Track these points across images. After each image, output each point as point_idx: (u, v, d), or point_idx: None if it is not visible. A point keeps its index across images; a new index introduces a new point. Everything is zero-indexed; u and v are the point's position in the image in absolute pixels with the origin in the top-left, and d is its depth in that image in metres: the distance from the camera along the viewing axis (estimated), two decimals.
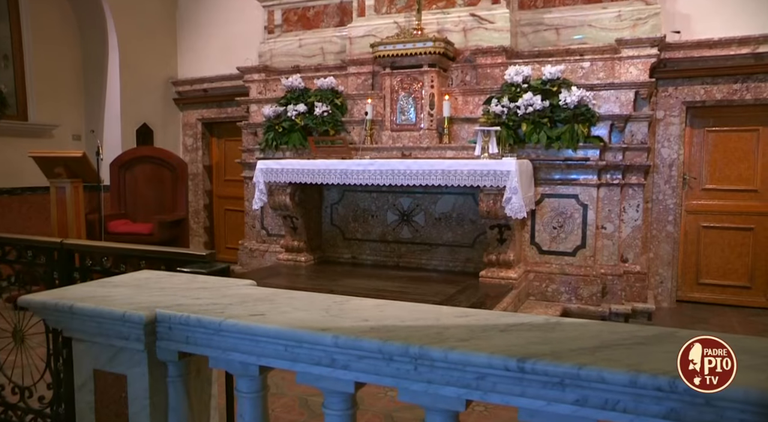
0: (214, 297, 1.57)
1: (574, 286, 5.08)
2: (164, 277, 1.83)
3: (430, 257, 5.59)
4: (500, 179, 4.63)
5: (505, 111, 5.14)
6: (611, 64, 5.26)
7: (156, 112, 7.50)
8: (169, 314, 1.42)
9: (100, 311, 1.46)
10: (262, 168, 5.43)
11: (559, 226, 5.18)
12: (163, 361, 1.55)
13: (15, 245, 2.47)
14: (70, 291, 1.64)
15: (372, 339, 1.21)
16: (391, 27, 6.04)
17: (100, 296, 1.56)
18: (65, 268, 2.33)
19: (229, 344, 1.40)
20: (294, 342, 1.30)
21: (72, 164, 4.97)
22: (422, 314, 1.40)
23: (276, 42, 6.93)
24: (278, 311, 1.42)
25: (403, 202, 5.67)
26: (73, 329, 1.57)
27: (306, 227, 5.74)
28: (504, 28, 5.62)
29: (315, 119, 5.89)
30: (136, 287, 1.68)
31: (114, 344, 1.54)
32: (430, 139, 5.58)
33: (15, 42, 6.30)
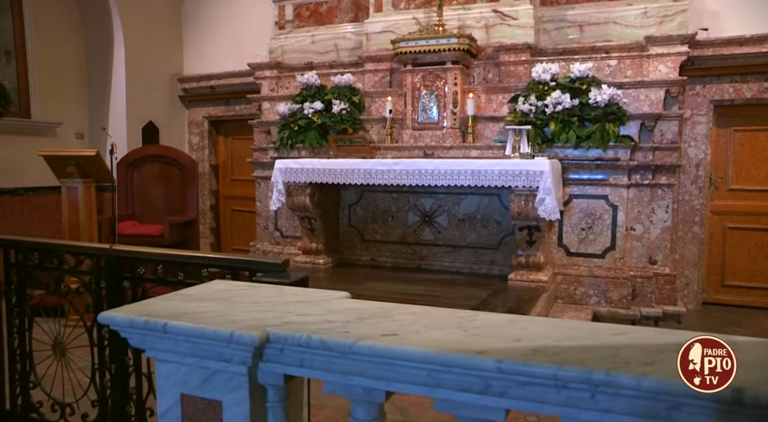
0: (321, 313, 1.40)
1: (603, 289, 4.97)
2: (247, 289, 1.65)
3: (453, 259, 5.44)
4: (533, 179, 4.49)
5: (533, 109, 5.02)
6: (639, 62, 5.15)
7: (161, 109, 7.27)
8: (284, 334, 1.25)
9: (201, 332, 1.29)
10: (280, 168, 5.24)
11: (588, 227, 5.06)
12: (262, 385, 1.38)
13: (55, 250, 2.28)
14: (151, 306, 1.47)
15: (544, 364, 1.05)
16: (410, 23, 5.89)
17: (192, 313, 1.39)
18: (114, 276, 2.15)
19: (354, 368, 1.24)
20: (442, 366, 1.14)
21: (84, 164, 4.74)
22: (573, 331, 1.25)
23: (287, 38, 6.74)
24: (410, 330, 1.26)
25: (425, 202, 5.52)
26: (160, 349, 1.40)
27: (324, 228, 5.56)
28: (527, 25, 5.49)
29: (333, 117, 5.71)
30: (224, 302, 1.51)
31: (208, 366, 1.37)
32: (454, 138, 5.44)
33: (17, 37, 6.04)
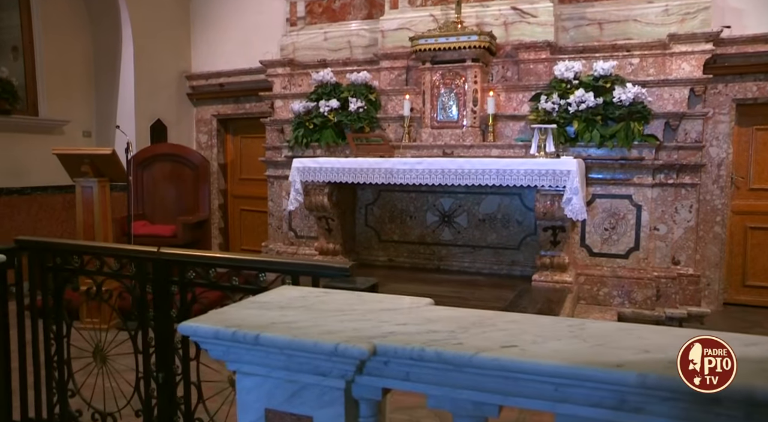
0: (419, 322, 1.32)
1: (627, 289, 4.91)
2: (323, 295, 1.57)
3: (473, 259, 5.36)
4: (559, 179, 4.42)
5: (555, 108, 4.95)
6: (662, 60, 5.09)
7: (169, 107, 7.15)
8: (394, 347, 1.17)
9: (299, 344, 1.20)
10: (298, 167, 5.14)
11: (611, 227, 5.00)
12: (356, 399, 1.30)
13: (97, 253, 2.18)
14: (231, 315, 1.38)
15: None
16: (426, 20, 5.81)
17: (280, 324, 1.30)
18: (162, 280, 2.05)
19: (467, 381, 1.15)
20: (574, 380, 1.06)
21: (98, 162, 4.62)
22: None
23: (299, 35, 6.64)
24: (525, 340, 1.18)
25: (444, 202, 5.44)
26: (246, 361, 1.31)
27: (341, 228, 5.47)
28: (547, 23, 5.42)
29: (350, 115, 5.62)
30: (307, 310, 1.42)
31: (298, 380, 1.29)
32: (474, 137, 5.36)
33: (25, 33, 5.90)
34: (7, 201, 5.78)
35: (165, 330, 2.07)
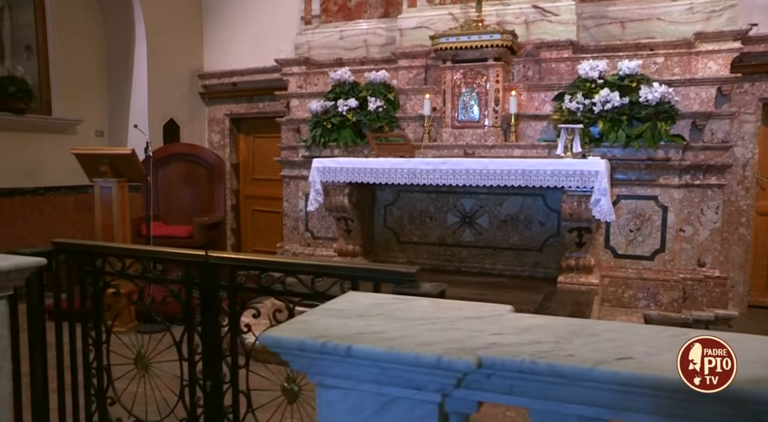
0: (514, 332, 1.25)
1: (652, 292, 4.84)
2: (398, 302, 1.49)
3: (495, 261, 5.29)
4: (587, 179, 4.35)
5: (580, 108, 4.88)
6: (687, 59, 5.03)
7: (182, 107, 7.08)
8: (501, 359, 1.09)
9: (397, 356, 1.13)
10: (318, 167, 5.07)
11: (636, 229, 4.93)
12: (446, 412, 1.23)
13: (140, 257, 2.10)
14: (311, 325, 1.31)
15: None
16: (445, 18, 5.74)
17: (369, 334, 1.23)
18: (210, 285, 1.98)
19: (577, 395, 1.09)
20: (702, 396, 0.99)
21: (117, 162, 4.55)
22: None
23: (314, 33, 6.57)
24: (637, 351, 1.11)
25: (465, 203, 5.36)
26: (332, 374, 1.24)
27: (360, 229, 5.39)
28: (569, 21, 5.36)
29: (369, 114, 5.55)
30: (387, 319, 1.35)
31: (387, 393, 1.22)
32: (496, 137, 5.29)
33: (39, 31, 5.82)
34: (20, 202, 5.70)
35: (212, 336, 2.00)
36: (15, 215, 5.65)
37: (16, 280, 2.10)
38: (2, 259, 2.06)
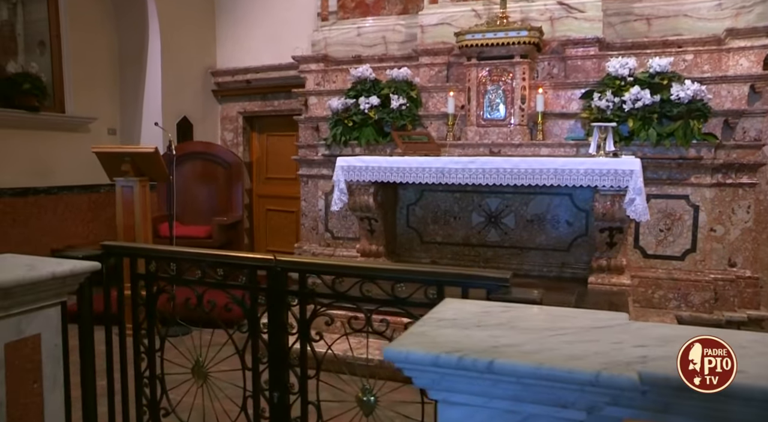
0: (656, 343, 1.15)
1: (683, 292, 4.77)
2: (507, 310, 1.40)
3: (521, 261, 5.20)
4: (621, 179, 4.26)
5: (610, 106, 4.80)
6: (717, 56, 4.96)
7: (195, 105, 6.95)
8: (664, 376, 1.00)
9: (548, 373, 1.03)
10: (343, 166, 4.96)
11: (667, 229, 4.86)
12: None
13: (199, 260, 2.00)
14: (435, 338, 1.21)
15: None
16: (468, 15, 5.65)
17: (504, 347, 1.14)
18: (279, 292, 1.88)
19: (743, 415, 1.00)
20: None
21: (139, 161, 4.43)
22: None
23: (331, 30, 6.46)
24: None
25: (490, 203, 5.27)
26: (460, 390, 1.14)
27: (384, 229, 5.29)
28: (595, 18, 5.28)
29: (391, 112, 5.45)
30: (511, 330, 1.25)
31: (522, 410, 1.12)
32: (522, 135, 5.21)
33: (52, 27, 5.68)
34: (34, 201, 5.57)
35: (280, 345, 1.90)
36: (29, 214, 5.52)
37: (70, 286, 2.00)
38: (56, 264, 1.96)
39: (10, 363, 1.86)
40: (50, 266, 1.93)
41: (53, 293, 1.95)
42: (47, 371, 2.00)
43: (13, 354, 1.88)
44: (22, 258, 2.05)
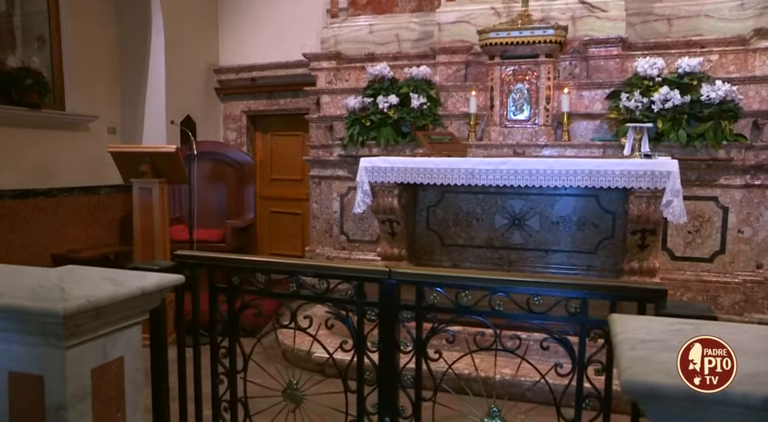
0: None
1: (712, 294, 4.74)
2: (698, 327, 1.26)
3: (546, 264, 5.10)
4: (658, 180, 4.19)
5: (638, 106, 4.74)
6: (744, 56, 4.94)
7: (198, 103, 6.70)
8: None
9: None
10: (366, 167, 4.79)
11: (695, 230, 4.82)
12: None
13: (294, 272, 1.82)
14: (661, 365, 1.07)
15: None
16: (487, 13, 5.54)
17: (751, 375, 1.00)
18: (391, 307, 1.71)
19: None
20: None
21: (158, 161, 4.19)
22: None
23: (341, 27, 6.29)
24: None
25: (514, 204, 5.16)
26: None
27: (405, 232, 5.14)
28: (618, 17, 5.23)
29: (412, 112, 5.30)
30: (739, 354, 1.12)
31: None
32: (547, 135, 5.11)
33: (52, 21, 5.37)
34: (34, 204, 5.26)
35: (390, 365, 1.73)
36: (29, 218, 5.21)
37: (155, 302, 1.80)
38: (140, 278, 1.77)
39: (96, 390, 1.66)
40: (135, 280, 1.74)
41: (139, 311, 1.75)
42: (129, 398, 1.80)
43: (99, 381, 1.68)
44: (93, 271, 1.86)
